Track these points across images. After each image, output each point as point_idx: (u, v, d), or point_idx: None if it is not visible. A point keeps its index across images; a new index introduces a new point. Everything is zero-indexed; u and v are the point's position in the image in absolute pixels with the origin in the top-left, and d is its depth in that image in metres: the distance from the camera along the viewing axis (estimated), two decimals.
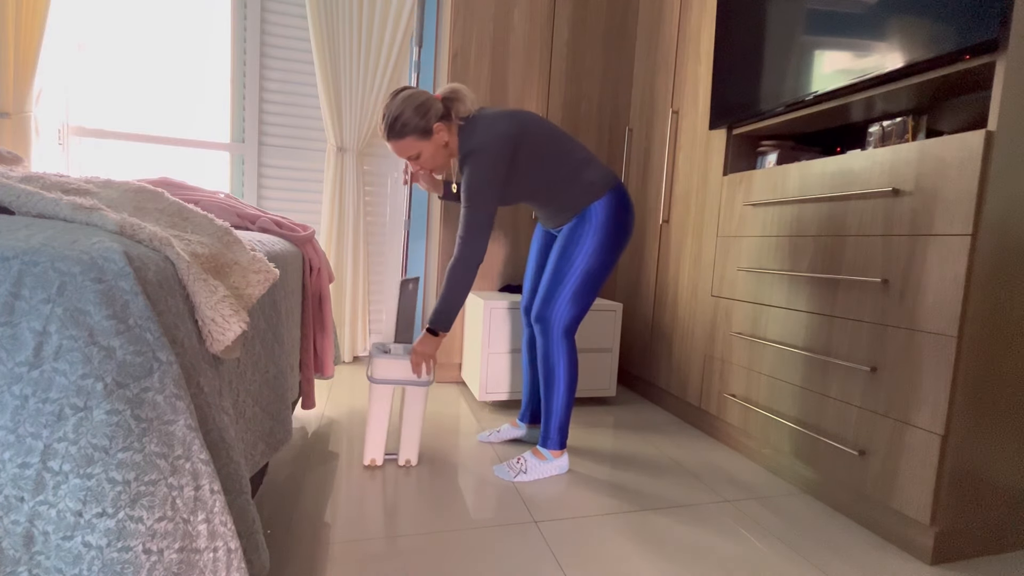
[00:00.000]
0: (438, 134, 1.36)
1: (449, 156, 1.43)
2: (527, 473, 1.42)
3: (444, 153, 1.41)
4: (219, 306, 0.72)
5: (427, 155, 1.38)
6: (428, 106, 1.34)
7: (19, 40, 2.02)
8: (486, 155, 1.31)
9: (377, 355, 1.40)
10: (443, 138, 1.37)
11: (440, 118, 1.36)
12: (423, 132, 1.35)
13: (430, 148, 1.37)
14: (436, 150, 1.38)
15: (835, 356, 1.33)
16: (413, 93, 1.35)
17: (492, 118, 1.36)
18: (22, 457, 0.55)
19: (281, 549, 1.06)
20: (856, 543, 1.21)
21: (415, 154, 1.38)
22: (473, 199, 1.32)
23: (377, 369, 1.40)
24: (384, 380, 1.39)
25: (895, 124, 1.34)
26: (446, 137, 1.38)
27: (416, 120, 1.33)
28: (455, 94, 1.39)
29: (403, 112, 1.33)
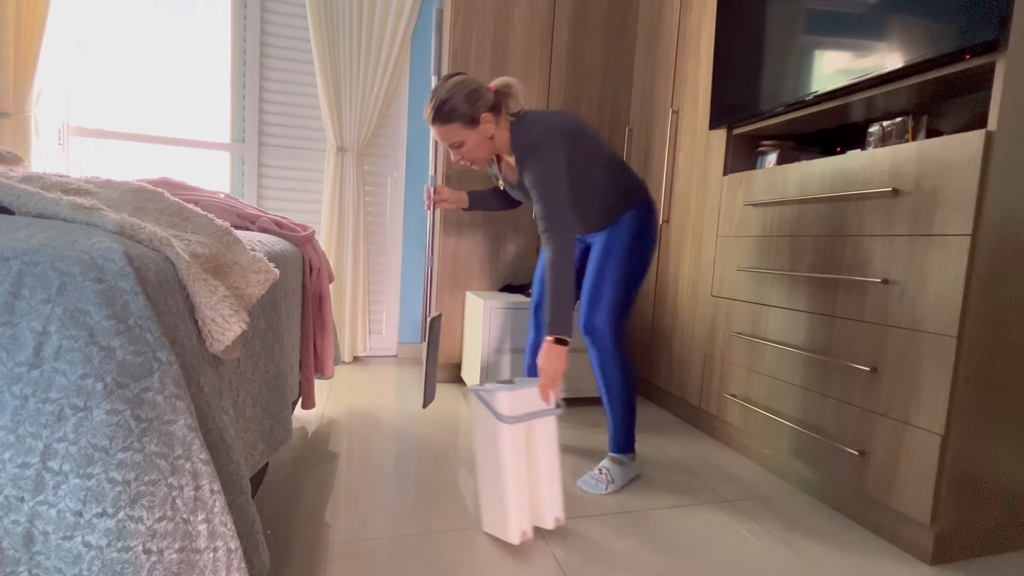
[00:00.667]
0: (485, 125, 1.31)
1: (491, 151, 1.37)
2: (615, 482, 1.42)
3: (487, 146, 1.35)
4: (219, 306, 0.72)
5: (471, 145, 1.33)
6: (479, 95, 1.29)
7: (19, 40, 2.02)
8: (550, 148, 1.27)
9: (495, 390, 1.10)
10: (489, 130, 1.32)
11: (489, 109, 1.31)
12: (470, 120, 1.29)
13: (475, 138, 1.32)
14: (480, 141, 1.33)
15: (835, 356, 1.33)
16: (465, 79, 1.30)
17: (546, 115, 1.34)
18: (22, 457, 0.55)
19: (281, 549, 1.06)
20: (856, 543, 1.21)
21: (458, 142, 1.32)
22: (548, 191, 1.26)
23: (503, 405, 1.08)
24: (520, 418, 1.08)
25: (895, 124, 1.34)
26: (492, 129, 1.33)
27: (464, 107, 1.28)
28: (508, 88, 1.34)
29: (452, 97, 1.28)
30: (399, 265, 2.75)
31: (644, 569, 1.07)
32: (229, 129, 2.49)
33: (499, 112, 1.34)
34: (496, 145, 1.37)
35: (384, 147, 2.68)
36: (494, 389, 1.11)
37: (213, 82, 2.46)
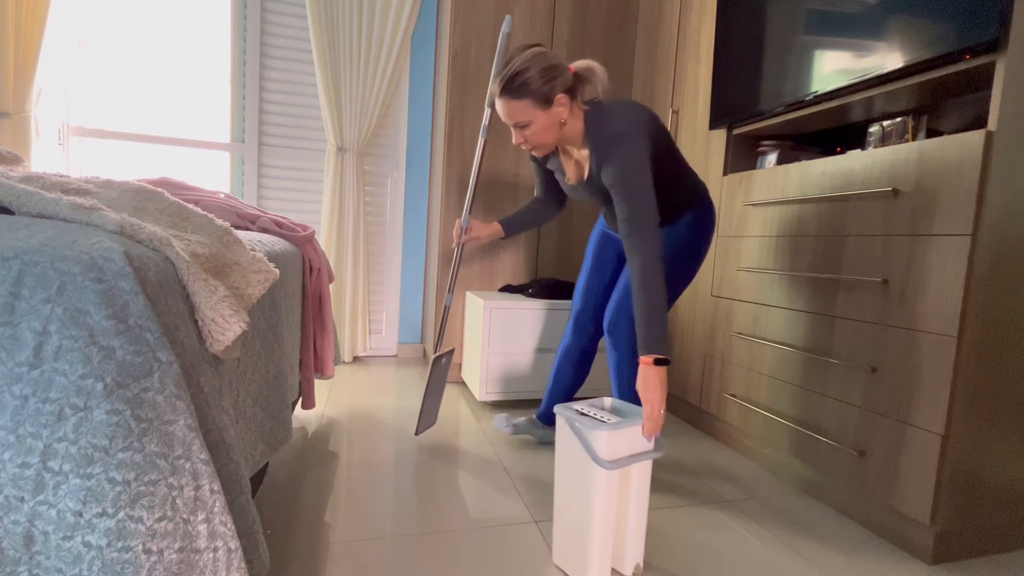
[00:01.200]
0: (558, 108, 1.18)
1: (558, 138, 1.23)
2: None
3: (555, 132, 1.21)
4: (219, 306, 0.72)
5: (538, 127, 1.19)
6: (557, 72, 1.16)
7: (19, 40, 2.02)
8: (634, 142, 1.14)
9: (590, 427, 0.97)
10: (562, 114, 1.18)
11: (566, 91, 1.18)
12: (543, 100, 1.16)
13: (544, 120, 1.18)
14: (549, 125, 1.19)
15: (835, 356, 1.33)
16: (545, 52, 1.16)
17: (624, 105, 1.21)
18: (22, 457, 0.55)
19: (281, 549, 1.06)
20: (856, 543, 1.21)
21: (525, 122, 1.19)
22: (634, 189, 1.12)
23: (602, 446, 0.96)
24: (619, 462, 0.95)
25: (895, 124, 1.34)
26: (565, 115, 1.19)
27: (539, 83, 1.15)
28: (589, 72, 1.19)
29: (528, 69, 1.14)
30: (399, 265, 2.75)
31: (644, 569, 1.07)
32: (229, 129, 2.49)
33: (574, 97, 1.21)
34: (566, 138, 1.24)
35: (384, 147, 2.68)
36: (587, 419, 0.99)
37: (213, 82, 2.46)
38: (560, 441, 1.04)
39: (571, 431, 1.00)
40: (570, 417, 1.01)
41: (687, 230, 1.35)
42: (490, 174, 2.26)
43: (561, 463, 1.04)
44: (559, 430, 1.04)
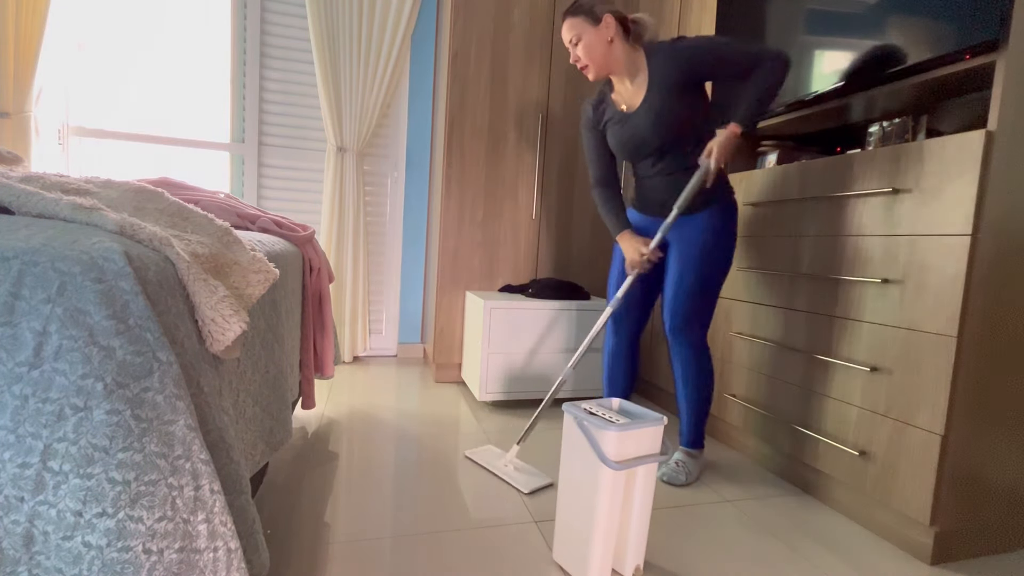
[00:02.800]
0: (605, 27, 1.34)
1: (608, 59, 1.37)
2: (692, 474, 1.47)
3: (604, 49, 1.36)
4: (219, 306, 0.72)
5: (587, 41, 1.35)
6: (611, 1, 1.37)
7: (19, 40, 2.02)
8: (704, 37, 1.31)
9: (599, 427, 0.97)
10: (609, 33, 1.34)
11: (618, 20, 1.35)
12: (593, 17, 1.34)
13: (592, 35, 1.35)
14: (597, 41, 1.35)
15: (835, 356, 1.33)
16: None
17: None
18: (22, 457, 0.55)
19: (281, 549, 1.06)
20: (856, 543, 1.21)
21: (576, 37, 1.36)
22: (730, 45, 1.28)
23: (610, 446, 0.96)
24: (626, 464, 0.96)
25: (895, 124, 1.34)
26: (612, 33, 1.35)
27: (590, 4, 1.35)
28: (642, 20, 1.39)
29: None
30: (399, 265, 2.75)
31: (644, 570, 1.07)
32: (229, 129, 2.49)
33: (627, 31, 1.37)
34: (615, 60, 1.37)
35: (384, 147, 2.68)
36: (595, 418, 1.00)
37: (213, 82, 2.46)
38: (567, 440, 1.04)
39: (579, 430, 1.01)
40: (579, 416, 1.01)
41: (714, 225, 1.39)
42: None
43: (567, 461, 1.04)
44: (566, 429, 1.05)
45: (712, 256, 1.39)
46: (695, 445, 1.51)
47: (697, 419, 1.49)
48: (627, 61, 1.37)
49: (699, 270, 1.39)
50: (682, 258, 1.41)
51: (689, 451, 1.51)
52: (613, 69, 1.39)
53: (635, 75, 1.38)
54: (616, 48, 1.36)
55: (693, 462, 1.49)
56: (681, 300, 1.41)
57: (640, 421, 1.01)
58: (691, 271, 1.39)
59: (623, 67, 1.38)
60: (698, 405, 1.48)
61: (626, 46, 1.37)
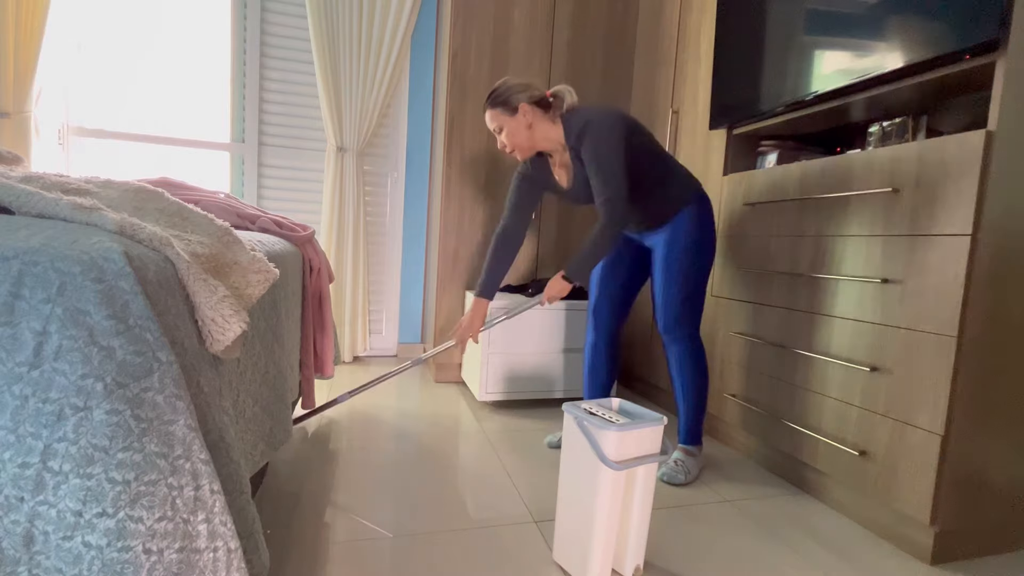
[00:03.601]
0: (523, 115, 1.41)
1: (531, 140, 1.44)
2: (691, 472, 1.48)
3: (524, 134, 1.43)
4: (219, 306, 0.72)
5: (508, 130, 1.43)
6: (522, 88, 1.42)
7: (19, 40, 2.02)
8: (604, 122, 1.33)
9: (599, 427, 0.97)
10: (527, 120, 1.41)
11: (535, 103, 1.41)
12: (511, 108, 1.41)
13: (511, 124, 1.42)
14: (517, 128, 1.42)
15: (835, 356, 1.33)
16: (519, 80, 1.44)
17: (599, 105, 1.42)
18: (22, 457, 0.55)
19: (281, 549, 1.06)
20: (856, 543, 1.21)
21: (499, 127, 1.44)
22: (606, 160, 1.31)
23: (610, 446, 0.96)
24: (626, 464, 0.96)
25: (895, 124, 1.34)
26: (529, 120, 1.41)
27: (506, 96, 1.41)
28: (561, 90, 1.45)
29: (499, 87, 1.43)
30: (399, 265, 2.75)
31: (644, 570, 1.07)
32: (229, 129, 2.49)
33: (546, 109, 1.44)
34: (539, 140, 1.45)
35: (384, 147, 2.68)
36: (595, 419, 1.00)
37: (213, 82, 2.46)
38: (567, 440, 1.04)
39: (579, 430, 1.01)
40: (579, 416, 1.01)
41: (688, 224, 1.43)
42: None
43: (567, 461, 1.04)
44: (566, 428, 1.04)
45: (690, 256, 1.43)
46: (693, 442, 1.52)
47: (694, 416, 1.50)
48: (552, 138, 1.44)
49: (681, 272, 1.43)
50: (663, 263, 1.45)
51: (687, 449, 1.51)
52: (541, 147, 1.47)
53: (563, 147, 1.45)
54: (538, 130, 1.43)
55: (692, 460, 1.49)
56: (668, 303, 1.46)
57: (640, 421, 1.00)
58: (673, 275, 1.44)
59: (550, 144, 1.45)
60: (694, 401, 1.49)
61: (548, 124, 1.43)
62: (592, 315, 1.64)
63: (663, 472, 1.47)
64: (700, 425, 1.52)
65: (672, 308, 1.45)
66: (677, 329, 1.47)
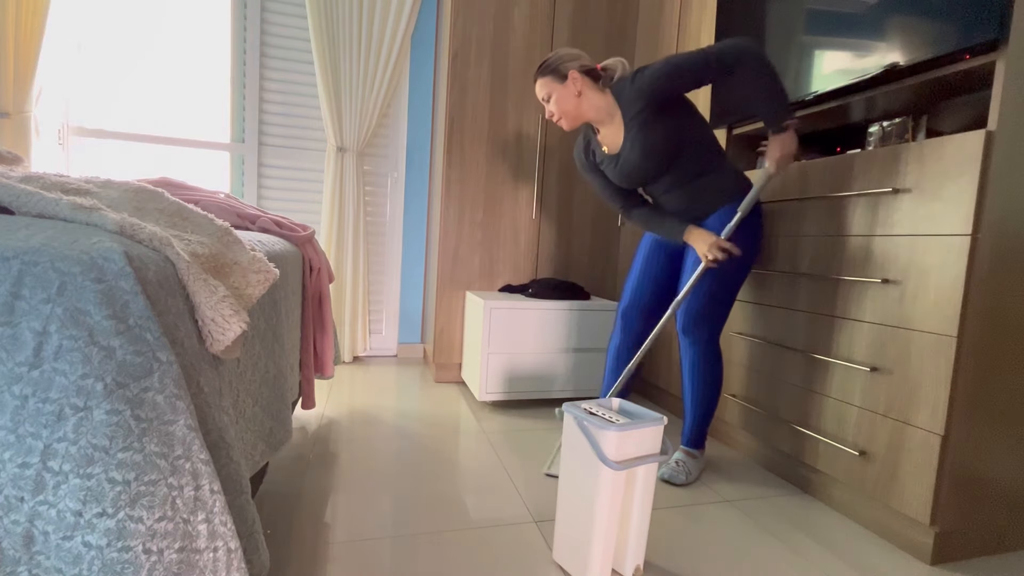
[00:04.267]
0: (572, 82, 1.41)
1: (579, 109, 1.43)
2: (693, 473, 1.48)
3: (573, 102, 1.42)
4: (219, 306, 0.72)
5: (557, 97, 1.43)
6: (572, 57, 1.43)
7: (19, 40, 2.02)
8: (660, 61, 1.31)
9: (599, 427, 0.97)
10: (576, 87, 1.41)
11: (585, 73, 1.42)
12: (560, 75, 1.42)
13: (560, 91, 1.43)
14: (566, 95, 1.42)
15: (835, 356, 1.33)
16: (571, 49, 1.46)
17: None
18: (22, 457, 0.55)
19: (281, 549, 1.06)
20: (856, 543, 1.21)
21: (547, 95, 1.45)
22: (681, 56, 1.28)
23: (610, 446, 0.96)
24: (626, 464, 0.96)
25: (895, 124, 1.34)
26: (580, 87, 1.41)
27: (555, 64, 1.43)
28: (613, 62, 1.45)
29: (550, 57, 1.45)
30: (399, 265, 2.75)
31: (644, 570, 1.07)
32: (229, 129, 2.49)
33: (596, 79, 1.43)
34: (588, 110, 1.43)
35: (384, 147, 2.68)
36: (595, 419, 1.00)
37: (213, 82, 2.46)
38: (567, 439, 1.04)
39: (579, 430, 1.00)
40: (579, 416, 1.01)
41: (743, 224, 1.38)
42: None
43: (567, 461, 1.04)
44: (567, 428, 1.04)
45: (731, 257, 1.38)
46: (696, 446, 1.51)
47: (701, 420, 1.49)
48: (601, 107, 1.42)
49: (717, 271, 1.38)
50: (694, 257, 1.41)
51: (690, 451, 1.51)
52: (588, 117, 1.45)
53: (612, 117, 1.42)
54: (586, 99, 1.42)
55: (693, 462, 1.49)
56: (696, 299, 1.41)
57: (640, 421, 1.00)
58: (707, 272, 1.39)
59: (598, 114, 1.43)
60: (703, 406, 1.48)
61: (597, 94, 1.42)
62: (621, 317, 1.59)
63: (664, 472, 1.46)
64: (706, 430, 1.51)
65: (696, 306, 1.41)
66: (696, 330, 1.43)
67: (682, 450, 1.52)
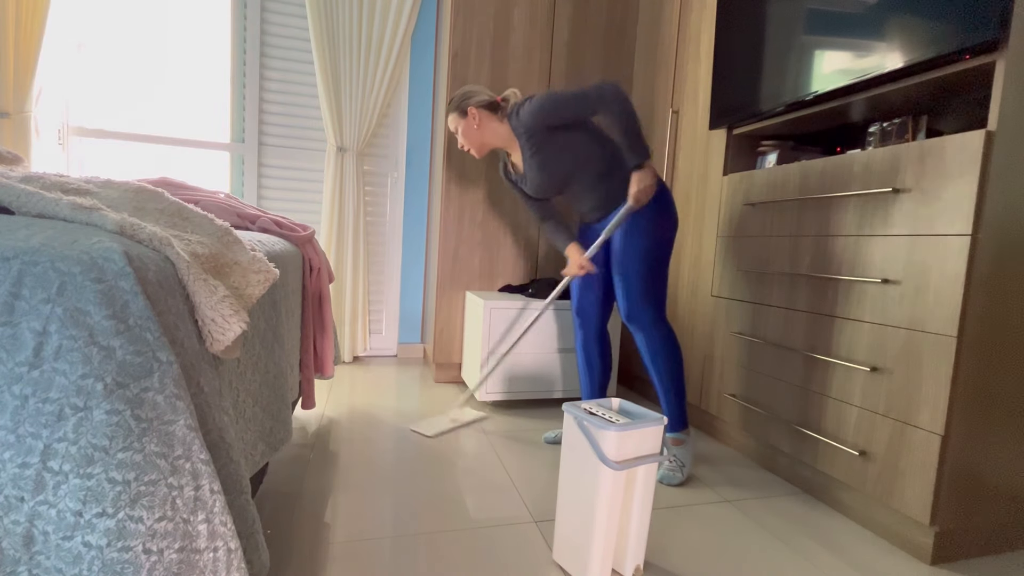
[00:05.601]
0: (472, 118, 1.58)
1: (484, 141, 1.61)
2: (686, 465, 1.48)
3: (476, 134, 1.60)
4: (219, 306, 0.72)
5: (462, 131, 1.61)
6: (472, 94, 1.59)
7: (19, 40, 2.02)
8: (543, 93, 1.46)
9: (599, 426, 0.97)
10: (475, 122, 1.58)
11: (484, 107, 1.58)
12: (461, 112, 1.60)
13: (463, 125, 1.60)
14: (469, 129, 1.60)
15: (835, 356, 1.33)
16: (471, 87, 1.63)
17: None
18: (22, 457, 0.55)
19: (281, 549, 1.06)
20: (856, 543, 1.21)
21: (455, 128, 1.63)
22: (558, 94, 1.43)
23: (611, 446, 0.96)
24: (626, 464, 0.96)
25: (895, 124, 1.34)
26: (477, 122, 1.58)
27: (457, 102, 1.60)
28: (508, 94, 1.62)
29: (453, 97, 1.63)
30: (399, 265, 2.75)
31: (644, 570, 1.07)
32: (229, 129, 2.49)
33: (495, 110, 1.60)
34: (490, 139, 1.61)
35: (384, 147, 2.68)
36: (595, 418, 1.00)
37: (213, 82, 2.46)
38: (567, 439, 1.04)
39: (579, 430, 1.01)
40: (578, 416, 1.01)
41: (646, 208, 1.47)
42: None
43: (567, 461, 1.04)
44: (566, 428, 1.04)
45: (648, 236, 1.46)
46: (679, 427, 1.50)
47: (675, 399, 1.50)
48: (502, 135, 1.59)
49: (637, 253, 1.46)
50: (620, 246, 1.49)
51: (676, 437, 1.50)
52: (493, 145, 1.62)
53: (512, 143, 1.59)
54: (486, 130, 1.59)
55: (684, 450, 1.48)
56: (628, 289, 1.48)
57: (640, 421, 1.00)
58: (630, 257, 1.47)
59: (500, 141, 1.60)
60: (672, 386, 1.49)
61: (496, 124, 1.58)
62: (577, 315, 1.69)
63: (660, 474, 1.46)
64: (683, 408, 1.51)
65: (632, 293, 1.47)
66: (641, 315, 1.48)
67: (670, 440, 1.50)
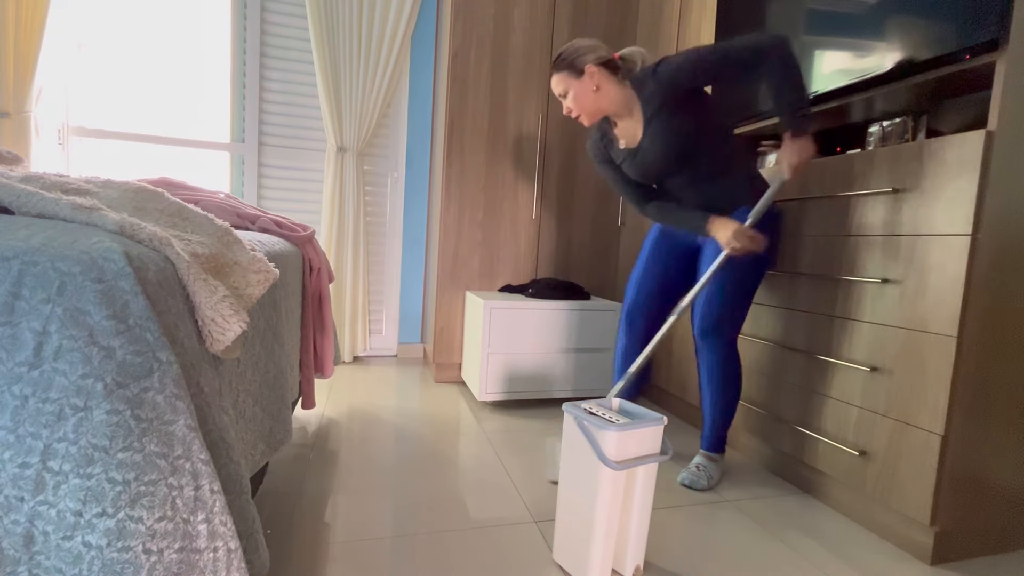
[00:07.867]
0: (588, 77, 1.35)
1: (597, 104, 1.37)
2: (713, 477, 1.45)
3: (591, 97, 1.36)
4: (219, 306, 0.72)
5: (574, 93, 1.37)
6: (588, 50, 1.35)
7: (19, 40, 2.02)
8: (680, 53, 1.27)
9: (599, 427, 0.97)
10: (594, 82, 1.35)
11: (601, 64, 1.35)
12: (576, 71, 1.35)
13: (577, 87, 1.36)
14: (584, 91, 1.36)
15: (835, 356, 1.33)
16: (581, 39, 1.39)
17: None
18: (22, 457, 0.55)
19: (281, 549, 1.06)
20: (856, 543, 1.21)
21: (564, 91, 1.38)
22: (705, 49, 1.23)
23: (610, 446, 0.96)
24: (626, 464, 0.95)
25: (895, 124, 1.34)
26: (596, 82, 1.35)
27: (572, 58, 1.35)
28: (631, 53, 1.38)
29: (564, 50, 1.37)
30: (399, 265, 2.75)
31: (644, 569, 1.07)
32: (229, 129, 2.49)
33: (615, 71, 1.36)
34: (606, 104, 1.37)
35: (384, 147, 2.68)
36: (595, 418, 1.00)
37: (213, 82, 2.46)
38: (567, 440, 1.04)
39: (579, 430, 1.00)
40: (579, 416, 1.01)
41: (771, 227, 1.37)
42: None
43: (567, 461, 1.04)
44: (566, 428, 1.04)
45: (750, 258, 1.35)
46: (716, 449, 1.48)
47: (721, 424, 1.46)
48: (620, 101, 1.36)
49: (735, 273, 1.35)
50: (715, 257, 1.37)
51: (710, 455, 1.49)
52: (608, 112, 1.39)
53: (631, 110, 1.37)
54: (604, 93, 1.36)
55: (714, 466, 1.47)
56: (715, 302, 1.38)
57: (640, 421, 1.00)
58: (727, 274, 1.36)
59: (617, 107, 1.37)
60: (723, 410, 1.45)
61: (616, 87, 1.36)
62: (626, 318, 1.56)
63: (684, 476, 1.44)
64: (725, 433, 1.48)
65: (716, 310, 1.38)
66: (716, 334, 1.39)
67: (703, 454, 1.49)
